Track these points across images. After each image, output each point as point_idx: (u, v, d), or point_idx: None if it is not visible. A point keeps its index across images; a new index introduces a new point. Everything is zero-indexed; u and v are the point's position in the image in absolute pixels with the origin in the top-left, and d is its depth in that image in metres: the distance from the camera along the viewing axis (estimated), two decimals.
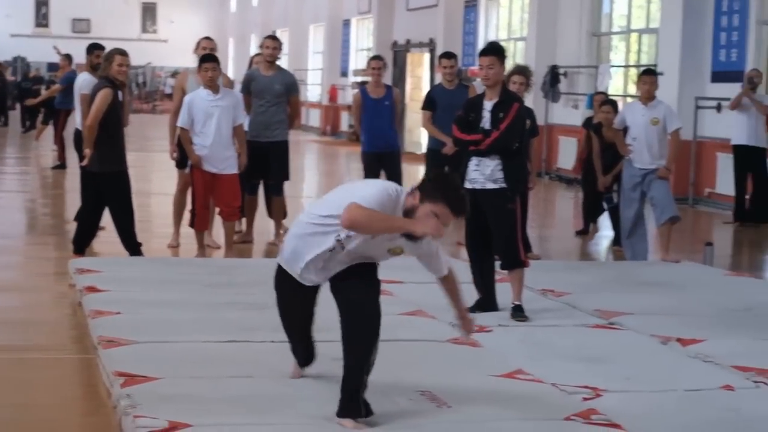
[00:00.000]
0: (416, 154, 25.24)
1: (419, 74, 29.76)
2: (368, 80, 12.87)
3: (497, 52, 8.17)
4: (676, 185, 14.43)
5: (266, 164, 11.51)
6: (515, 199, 8.20)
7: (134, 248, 10.20)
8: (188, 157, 10.52)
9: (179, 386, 5.97)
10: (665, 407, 6.02)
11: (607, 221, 13.09)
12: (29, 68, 42.46)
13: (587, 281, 9.67)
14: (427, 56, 28.96)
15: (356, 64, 34.75)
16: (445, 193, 5.30)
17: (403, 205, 5.35)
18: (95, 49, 11.92)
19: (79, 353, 7.20)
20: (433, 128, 11.75)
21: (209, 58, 10.40)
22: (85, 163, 10.01)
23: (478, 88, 11.54)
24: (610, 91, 19.65)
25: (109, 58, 10.09)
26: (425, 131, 12.46)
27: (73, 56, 20.82)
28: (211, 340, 7.06)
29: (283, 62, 12.60)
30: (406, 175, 12.79)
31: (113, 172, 10.02)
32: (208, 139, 10.33)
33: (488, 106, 8.16)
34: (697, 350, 7.22)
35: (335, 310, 5.46)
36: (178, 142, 10.92)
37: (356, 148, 16.05)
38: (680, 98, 17.52)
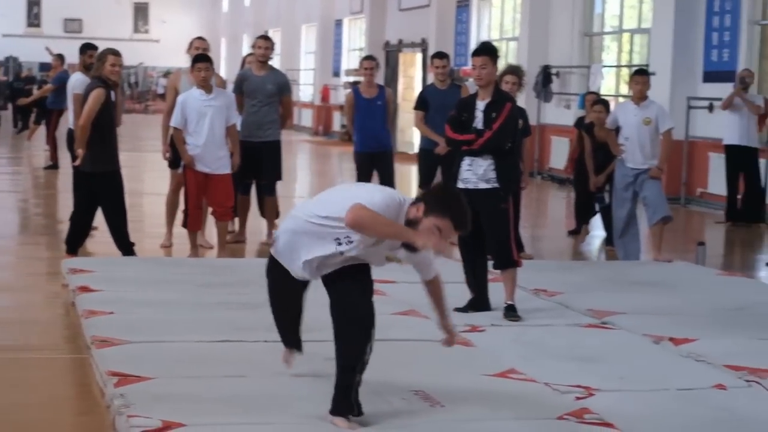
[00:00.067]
0: (408, 154, 25.24)
1: (411, 74, 29.77)
2: (360, 80, 12.87)
3: (490, 52, 8.19)
4: (668, 185, 14.45)
5: (259, 164, 11.52)
6: (508, 198, 8.21)
7: (127, 248, 10.20)
8: (181, 157, 10.52)
9: (173, 386, 5.98)
10: (658, 406, 6.03)
11: (598, 222, 13.09)
12: (21, 68, 42.35)
13: (580, 281, 9.68)
14: (419, 56, 28.96)
15: (348, 64, 34.75)
16: (450, 208, 5.29)
17: (405, 214, 5.32)
18: (88, 49, 11.92)
19: (72, 353, 7.20)
20: (425, 128, 11.75)
21: (202, 58, 10.41)
22: (77, 163, 10.00)
23: (470, 88, 11.55)
24: (602, 91, 19.67)
25: (101, 58, 10.08)
26: (417, 131, 12.46)
27: (65, 56, 20.80)
28: (204, 339, 7.07)
29: (275, 62, 12.60)
30: (398, 175, 12.80)
31: (106, 172, 10.02)
32: (200, 138, 10.33)
33: (481, 106, 8.17)
34: (689, 349, 7.24)
35: (327, 309, 5.45)
36: (170, 142, 10.93)
37: (348, 148, 16.06)
38: (672, 98, 17.54)
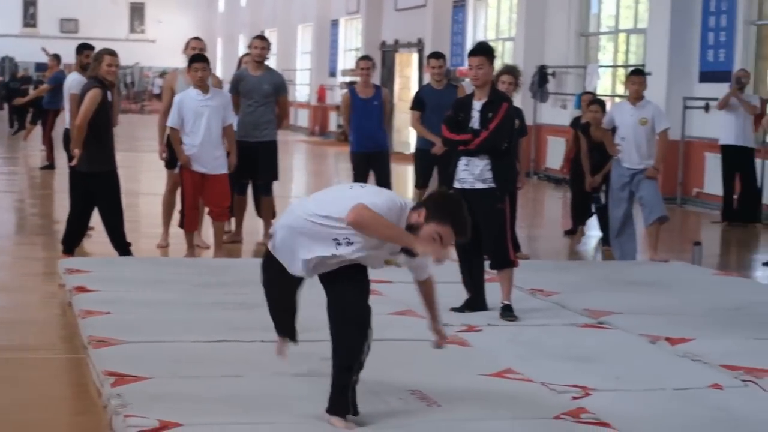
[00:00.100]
0: (405, 154, 25.25)
1: (408, 74, 29.77)
2: (357, 80, 12.88)
3: (486, 52, 8.19)
4: (664, 185, 14.46)
5: (255, 164, 11.51)
6: (504, 198, 8.21)
7: (123, 248, 10.20)
8: (177, 157, 10.52)
9: (169, 386, 5.98)
10: (654, 406, 6.04)
11: (594, 222, 13.10)
12: (17, 68, 42.33)
13: (576, 281, 9.69)
14: (415, 56, 28.97)
15: (345, 64, 34.76)
16: (451, 215, 5.28)
17: (407, 219, 5.31)
18: (85, 49, 11.91)
19: (68, 353, 7.20)
20: (421, 128, 11.76)
21: (199, 58, 10.41)
22: (74, 163, 10.00)
23: (467, 88, 11.55)
24: (598, 91, 19.67)
25: (98, 58, 10.09)
26: (414, 131, 12.46)
27: (61, 56, 20.80)
28: (201, 339, 7.07)
29: (271, 62, 12.59)
30: (394, 175, 12.80)
31: (102, 172, 10.02)
32: (197, 138, 10.33)
33: (477, 106, 8.17)
34: (685, 349, 7.24)
35: (323, 309, 5.45)
36: (167, 142, 10.93)
37: (345, 148, 16.06)
38: (668, 98, 17.55)
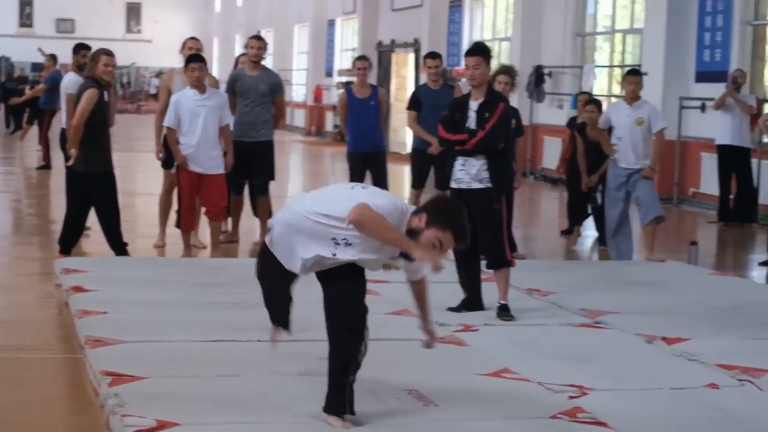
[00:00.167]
0: (401, 154, 25.25)
1: (404, 74, 29.77)
2: (353, 80, 12.88)
3: (483, 52, 8.20)
4: (660, 185, 14.49)
5: (251, 164, 11.50)
6: (501, 198, 8.22)
7: (120, 248, 10.20)
8: (174, 157, 10.52)
9: (166, 385, 5.98)
10: (651, 405, 6.04)
11: (591, 223, 13.10)
12: (13, 68, 42.26)
13: (572, 281, 9.69)
14: (411, 56, 28.98)
15: (341, 64, 34.75)
16: (452, 221, 5.29)
17: (408, 223, 5.30)
18: (81, 49, 11.90)
19: (65, 353, 7.21)
20: (418, 128, 11.77)
21: (196, 58, 10.41)
22: (70, 163, 10.00)
23: (463, 88, 11.56)
24: (594, 91, 19.70)
25: (95, 58, 10.08)
26: (410, 131, 12.47)
27: (57, 56, 20.78)
28: (197, 339, 7.07)
29: (267, 62, 12.61)
30: (391, 175, 12.80)
31: (99, 172, 10.02)
32: (194, 138, 10.33)
33: (474, 106, 8.18)
34: (682, 349, 7.25)
35: (319, 309, 5.44)
36: (164, 142, 10.93)
37: (341, 148, 16.09)
38: (665, 98, 17.57)
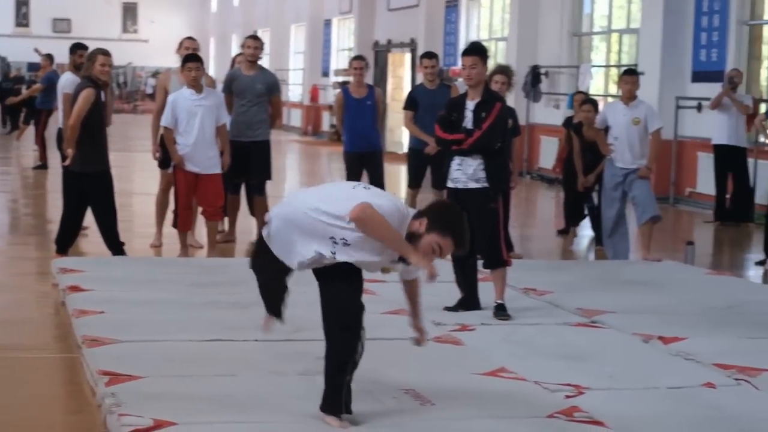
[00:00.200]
0: (398, 153, 25.26)
1: (400, 74, 29.77)
2: (350, 80, 12.88)
3: (480, 52, 8.20)
4: (657, 185, 14.48)
5: (248, 164, 11.50)
6: (497, 198, 8.22)
7: (117, 248, 10.20)
8: (171, 157, 10.52)
9: (164, 385, 5.98)
10: (647, 405, 6.05)
11: (587, 223, 13.12)
12: (10, 68, 42.19)
13: (569, 280, 9.70)
14: (408, 56, 28.97)
15: (337, 64, 34.75)
16: (452, 227, 5.29)
17: (408, 226, 5.30)
18: (78, 48, 11.91)
19: (62, 352, 7.20)
20: (414, 128, 11.78)
21: (193, 57, 10.41)
22: (67, 162, 10.00)
23: (460, 87, 11.57)
24: (591, 91, 19.70)
25: (91, 57, 10.08)
26: (407, 131, 12.47)
27: (54, 56, 20.77)
28: (194, 339, 7.07)
29: (264, 62, 12.59)
30: (387, 175, 12.80)
31: (96, 171, 10.02)
32: (191, 138, 10.33)
33: (471, 105, 8.18)
34: (678, 348, 7.26)
35: (316, 308, 5.44)
36: (161, 141, 10.93)
37: (338, 148, 16.08)
38: (661, 98, 17.58)
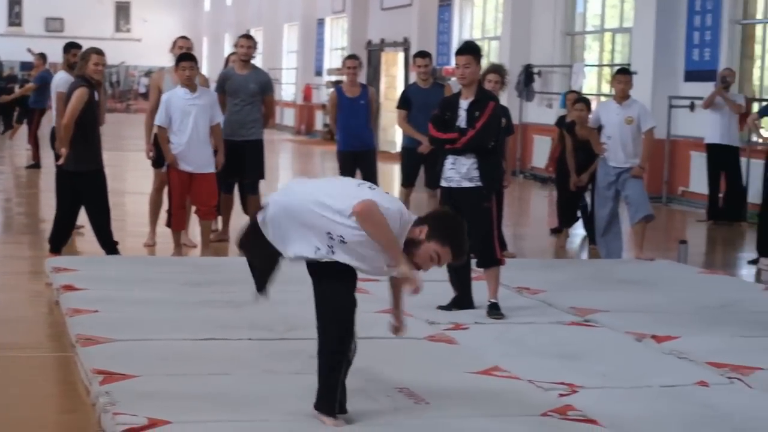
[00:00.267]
0: (391, 152, 25.25)
1: (394, 73, 29.77)
2: (343, 79, 12.89)
3: (473, 51, 8.20)
4: (650, 184, 14.50)
5: (242, 163, 11.50)
6: (491, 197, 8.23)
7: (111, 247, 10.20)
8: (164, 156, 10.52)
9: (158, 383, 5.99)
10: (640, 403, 6.06)
11: (580, 223, 13.13)
12: (2, 67, 42.12)
13: (562, 279, 9.71)
14: (401, 55, 28.98)
15: (330, 63, 34.74)
16: (452, 238, 5.31)
17: (409, 232, 5.30)
18: (72, 47, 11.90)
19: (56, 351, 7.20)
20: (408, 127, 11.78)
21: (187, 57, 10.42)
22: (60, 162, 9.99)
23: (453, 87, 11.58)
24: (584, 90, 19.72)
25: (85, 57, 10.08)
26: (400, 130, 12.48)
27: (47, 55, 20.75)
28: (188, 337, 7.08)
29: (257, 61, 12.62)
30: (381, 174, 12.81)
31: (89, 171, 10.01)
32: (184, 137, 10.34)
33: (464, 104, 8.19)
34: (671, 347, 7.28)
35: (310, 307, 5.44)
36: (154, 141, 10.93)
37: (331, 147, 16.09)
38: (654, 97, 17.60)
